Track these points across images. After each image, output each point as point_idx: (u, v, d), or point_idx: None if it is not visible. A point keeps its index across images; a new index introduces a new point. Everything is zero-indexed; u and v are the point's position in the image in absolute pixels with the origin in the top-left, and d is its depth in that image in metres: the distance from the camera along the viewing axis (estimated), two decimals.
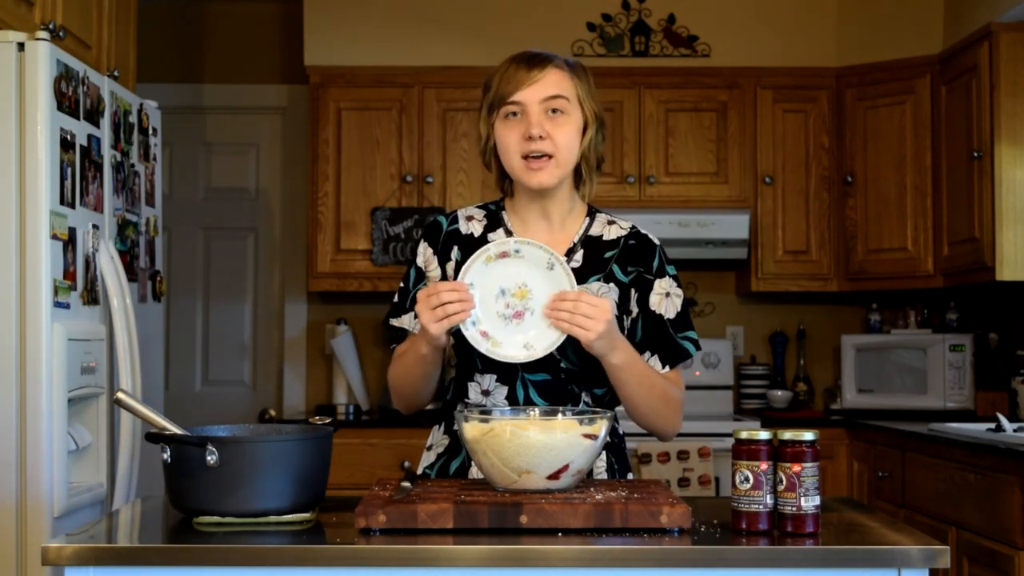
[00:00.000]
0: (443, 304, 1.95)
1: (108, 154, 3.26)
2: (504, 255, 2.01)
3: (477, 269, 2.00)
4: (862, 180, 4.70)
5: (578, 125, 2.12)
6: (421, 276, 2.20)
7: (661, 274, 2.18)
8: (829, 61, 4.79)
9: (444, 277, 2.18)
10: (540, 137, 2.07)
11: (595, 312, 1.96)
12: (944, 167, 4.45)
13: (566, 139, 2.09)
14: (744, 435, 1.75)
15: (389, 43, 4.79)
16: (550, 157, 2.08)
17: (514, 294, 2.02)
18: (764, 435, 1.74)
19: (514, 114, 2.09)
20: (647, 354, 2.14)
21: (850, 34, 4.77)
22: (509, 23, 4.77)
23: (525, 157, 2.09)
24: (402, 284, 2.23)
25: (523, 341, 2.00)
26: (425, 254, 2.21)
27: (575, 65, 2.15)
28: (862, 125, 4.71)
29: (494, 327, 2.01)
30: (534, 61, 2.10)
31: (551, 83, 2.08)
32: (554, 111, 2.08)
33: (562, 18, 4.81)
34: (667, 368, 2.15)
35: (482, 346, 2.00)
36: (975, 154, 4.13)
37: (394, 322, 2.21)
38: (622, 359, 2.04)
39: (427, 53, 4.78)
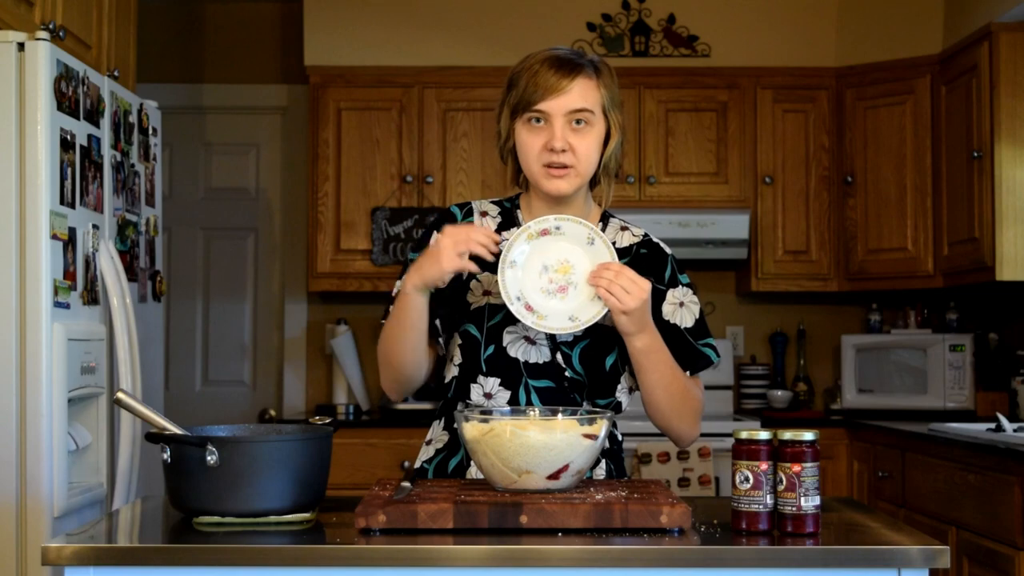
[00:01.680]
0: (471, 242, 1.95)
1: (108, 154, 3.26)
2: (545, 232, 2.02)
3: (519, 247, 2.01)
4: (862, 180, 4.69)
5: (600, 135, 2.10)
6: None
7: (674, 284, 2.18)
8: (829, 61, 4.79)
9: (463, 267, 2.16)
10: (562, 150, 2.06)
11: (634, 288, 1.95)
12: (944, 167, 4.45)
13: (587, 150, 2.08)
14: (744, 435, 1.75)
15: (389, 43, 4.79)
16: (571, 167, 2.08)
17: (557, 270, 2.02)
18: (764, 435, 1.74)
19: (537, 120, 2.07)
20: None
21: (850, 34, 4.77)
22: (509, 23, 4.76)
23: (546, 165, 2.08)
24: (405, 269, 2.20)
25: (568, 313, 2.01)
26: None
27: (602, 69, 2.11)
28: (862, 125, 4.70)
29: (538, 302, 2.01)
30: (564, 68, 2.06)
31: (577, 95, 2.05)
32: (578, 122, 2.06)
33: (562, 18, 4.81)
34: (688, 374, 2.14)
35: (528, 319, 2.00)
36: (975, 154, 4.12)
37: (395, 294, 2.18)
38: (646, 343, 2.02)
39: (427, 53, 4.78)
